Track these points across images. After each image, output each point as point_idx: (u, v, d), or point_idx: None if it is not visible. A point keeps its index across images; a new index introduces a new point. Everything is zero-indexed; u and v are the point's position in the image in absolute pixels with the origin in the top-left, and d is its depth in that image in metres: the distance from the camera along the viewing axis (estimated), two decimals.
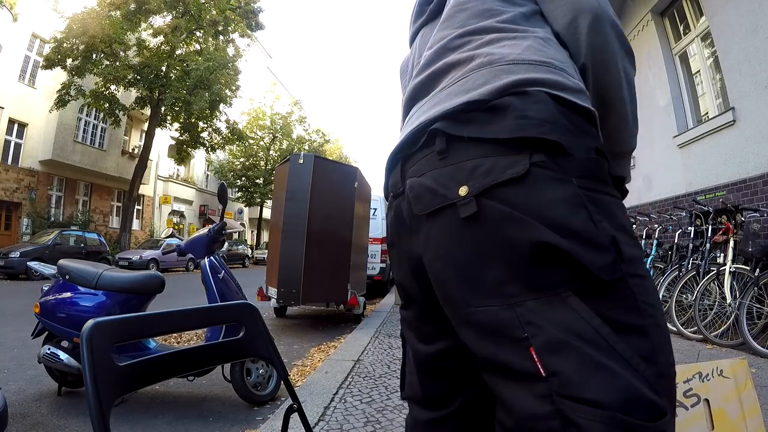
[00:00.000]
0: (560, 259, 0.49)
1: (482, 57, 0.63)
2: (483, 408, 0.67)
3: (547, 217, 0.51)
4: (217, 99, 16.30)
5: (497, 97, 0.56)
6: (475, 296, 0.54)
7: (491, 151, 0.55)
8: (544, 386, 0.48)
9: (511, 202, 0.52)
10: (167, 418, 2.42)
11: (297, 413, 0.86)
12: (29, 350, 3.40)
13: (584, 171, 0.54)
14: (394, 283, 0.76)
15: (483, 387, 0.59)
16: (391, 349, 3.61)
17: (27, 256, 10.57)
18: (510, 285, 0.52)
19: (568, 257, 0.49)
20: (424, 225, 0.61)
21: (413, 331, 0.74)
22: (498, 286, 0.52)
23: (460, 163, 0.57)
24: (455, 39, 0.68)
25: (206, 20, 15.95)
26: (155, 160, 20.55)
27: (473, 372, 0.62)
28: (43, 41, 14.89)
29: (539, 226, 0.50)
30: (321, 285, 5.03)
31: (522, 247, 0.51)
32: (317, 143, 29.39)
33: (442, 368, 0.70)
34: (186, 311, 0.80)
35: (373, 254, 8.25)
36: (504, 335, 0.52)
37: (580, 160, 0.54)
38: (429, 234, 0.60)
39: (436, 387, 0.71)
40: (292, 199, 5.05)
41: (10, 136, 14.59)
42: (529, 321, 0.50)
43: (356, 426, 2.06)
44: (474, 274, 0.55)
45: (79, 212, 17.20)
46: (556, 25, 0.69)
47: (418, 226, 0.63)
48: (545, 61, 0.61)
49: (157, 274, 2.74)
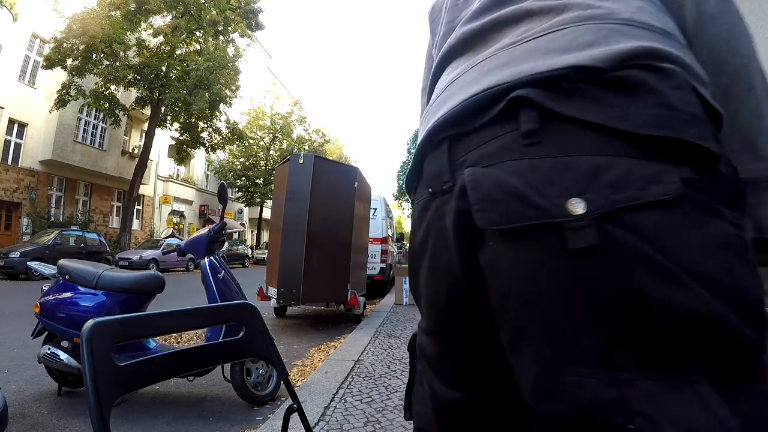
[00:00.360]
0: (704, 328, 0.35)
1: (580, 9, 0.46)
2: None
3: (699, 269, 0.35)
4: (217, 99, 16.30)
5: (619, 67, 0.40)
6: (566, 358, 0.38)
7: (619, 149, 0.38)
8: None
9: (651, 238, 0.36)
10: (167, 418, 2.42)
11: (297, 413, 0.86)
12: (29, 350, 3.40)
13: (732, 198, 0.38)
14: (416, 300, 0.60)
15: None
16: (391, 349, 3.61)
17: (27, 256, 10.56)
18: (620, 353, 0.36)
19: (718, 328, 0.35)
20: (494, 242, 0.43)
21: (434, 370, 0.55)
22: (603, 351, 0.37)
23: (568, 157, 0.39)
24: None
25: (206, 20, 15.94)
26: (155, 160, 20.55)
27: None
28: (43, 41, 14.88)
29: (690, 282, 0.35)
30: (321, 285, 5.03)
31: (659, 308, 0.35)
32: (317, 143, 29.40)
33: (470, 421, 0.52)
34: (186, 311, 0.80)
35: (373, 254, 8.25)
36: (597, 421, 0.36)
37: (726, 182, 0.39)
38: (500, 257, 0.43)
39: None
40: (292, 199, 5.05)
41: (10, 136, 14.59)
42: (640, 411, 0.35)
43: (356, 426, 2.06)
44: (571, 327, 0.38)
45: (79, 212, 17.19)
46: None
47: (479, 241, 0.45)
48: (668, 32, 0.45)
49: (157, 274, 2.74)
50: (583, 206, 0.37)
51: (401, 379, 2.80)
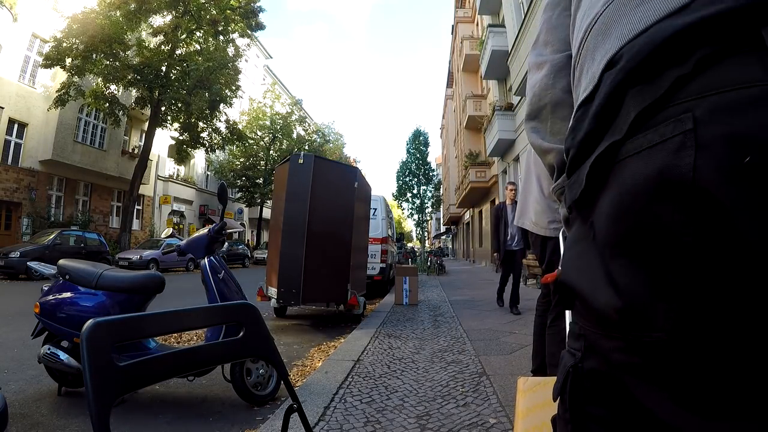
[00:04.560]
0: None
1: None
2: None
3: None
4: (217, 99, 16.32)
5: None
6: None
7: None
8: None
9: None
10: (167, 418, 2.42)
11: (297, 413, 0.86)
12: (29, 350, 3.40)
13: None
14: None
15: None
16: (391, 349, 3.61)
17: (27, 256, 10.57)
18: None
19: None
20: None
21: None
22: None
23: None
24: None
25: (206, 20, 15.95)
26: (155, 160, 20.55)
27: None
28: (43, 41, 14.88)
29: None
30: (321, 285, 5.03)
31: None
32: (317, 143, 29.40)
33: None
34: (186, 311, 0.80)
35: (373, 254, 8.25)
36: None
37: None
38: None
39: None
40: (292, 199, 5.06)
41: (10, 136, 14.59)
42: None
43: (356, 426, 2.06)
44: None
45: (79, 212, 17.20)
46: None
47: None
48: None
49: (157, 274, 2.74)
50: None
51: (401, 379, 2.80)
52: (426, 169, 28.84)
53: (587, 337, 0.41)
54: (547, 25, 0.64)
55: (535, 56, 0.64)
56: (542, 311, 2.37)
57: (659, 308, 0.33)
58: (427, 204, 29.58)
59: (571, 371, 0.42)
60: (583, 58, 0.43)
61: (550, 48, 0.62)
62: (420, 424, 2.06)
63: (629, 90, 0.36)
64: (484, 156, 20.08)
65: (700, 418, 0.33)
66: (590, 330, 0.41)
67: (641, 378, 0.36)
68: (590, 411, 0.40)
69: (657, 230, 0.33)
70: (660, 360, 0.34)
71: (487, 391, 2.51)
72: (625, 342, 0.36)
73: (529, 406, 1.11)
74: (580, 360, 0.42)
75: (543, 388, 1.12)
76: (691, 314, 0.32)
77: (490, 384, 2.64)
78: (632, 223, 0.35)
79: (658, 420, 0.35)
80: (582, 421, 0.41)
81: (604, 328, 0.38)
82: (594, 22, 0.42)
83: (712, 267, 0.31)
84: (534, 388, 1.13)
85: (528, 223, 2.21)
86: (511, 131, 14.64)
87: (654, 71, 0.34)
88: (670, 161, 0.32)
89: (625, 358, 0.36)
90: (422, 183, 28.92)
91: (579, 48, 0.45)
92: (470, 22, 23.73)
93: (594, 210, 0.39)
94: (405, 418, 2.14)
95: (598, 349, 0.40)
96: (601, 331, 0.39)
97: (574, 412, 0.42)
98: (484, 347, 3.65)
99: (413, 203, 28.83)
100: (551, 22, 0.63)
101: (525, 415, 1.10)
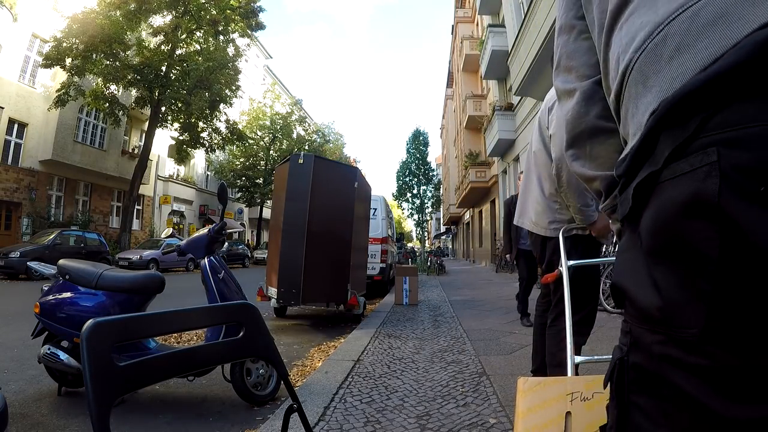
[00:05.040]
0: None
1: None
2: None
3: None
4: (217, 99, 16.33)
5: None
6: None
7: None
8: None
9: None
10: (167, 418, 2.42)
11: (297, 413, 0.86)
12: (29, 350, 3.40)
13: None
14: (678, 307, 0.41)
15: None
16: (391, 349, 3.61)
17: (27, 256, 10.58)
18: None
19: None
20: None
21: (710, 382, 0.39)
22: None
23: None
24: None
25: (206, 20, 15.96)
26: (155, 160, 20.56)
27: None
28: (43, 41, 14.89)
29: None
30: (321, 285, 5.04)
31: None
32: (317, 143, 29.41)
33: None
34: (186, 311, 0.80)
35: (373, 254, 8.25)
36: None
37: None
38: None
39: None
40: (292, 199, 5.06)
41: (10, 136, 14.60)
42: None
43: (356, 426, 2.06)
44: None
45: (79, 212, 17.21)
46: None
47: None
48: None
49: (157, 274, 2.74)
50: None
51: (401, 379, 2.80)
52: (426, 169, 28.86)
53: (633, 333, 0.47)
54: (565, 49, 0.69)
55: (562, 83, 0.69)
56: (542, 311, 2.36)
57: (692, 309, 0.40)
58: (427, 204, 29.60)
59: (618, 363, 0.49)
60: (626, 101, 0.50)
61: (575, 74, 0.67)
62: (420, 424, 2.06)
63: (663, 131, 0.43)
64: (484, 156, 20.09)
65: (731, 401, 0.38)
66: (636, 326, 0.47)
67: (679, 367, 0.41)
68: (633, 399, 0.46)
69: (689, 243, 0.39)
70: (694, 352, 0.40)
71: (487, 391, 2.51)
72: (665, 336, 0.42)
73: (529, 406, 1.11)
74: (626, 354, 0.48)
75: (543, 389, 1.12)
76: (719, 316, 0.38)
77: (490, 384, 2.64)
78: (669, 237, 0.42)
79: (697, 404, 0.40)
80: (626, 408, 0.47)
81: (647, 325, 0.45)
82: (630, 70, 0.48)
83: (735, 276, 0.37)
84: (534, 388, 1.13)
85: (528, 223, 2.21)
86: (511, 131, 14.63)
87: (684, 117, 0.41)
88: (699, 186, 0.38)
89: (665, 350, 0.42)
90: (422, 183, 28.93)
91: (620, 90, 0.51)
92: (470, 22, 23.73)
93: (639, 223, 0.46)
94: (405, 418, 2.14)
95: (641, 343, 0.46)
96: (645, 327, 0.45)
97: (620, 399, 0.48)
98: (484, 347, 3.65)
99: (413, 203, 28.84)
100: (568, 46, 0.68)
101: (525, 415, 1.10)
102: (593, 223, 1.91)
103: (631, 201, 0.47)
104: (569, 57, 0.68)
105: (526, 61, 9.57)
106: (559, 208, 2.01)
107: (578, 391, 1.09)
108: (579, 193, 1.86)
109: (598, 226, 1.92)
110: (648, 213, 0.44)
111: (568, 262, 1.80)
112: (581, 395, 1.08)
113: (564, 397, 1.09)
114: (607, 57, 0.55)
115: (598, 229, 1.93)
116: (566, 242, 1.88)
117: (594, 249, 2.04)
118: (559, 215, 2.01)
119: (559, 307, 2.01)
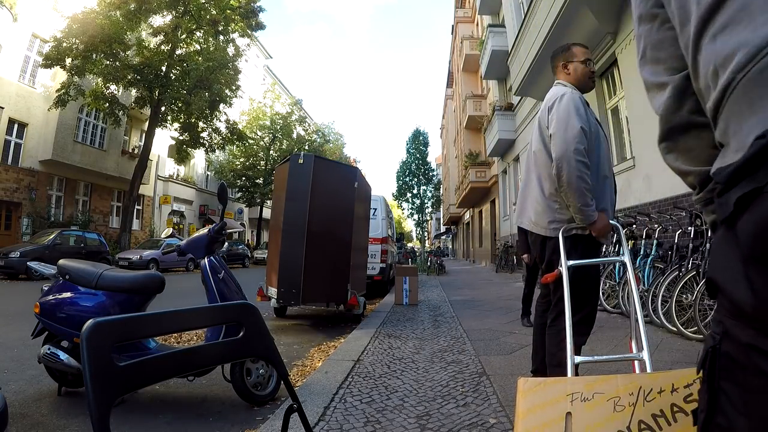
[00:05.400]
0: None
1: None
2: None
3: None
4: (217, 99, 16.33)
5: None
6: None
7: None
8: None
9: None
10: (167, 418, 2.42)
11: (297, 413, 0.86)
12: (29, 350, 3.40)
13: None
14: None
15: None
16: (391, 349, 3.61)
17: (27, 256, 10.58)
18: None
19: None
20: None
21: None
22: None
23: None
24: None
25: (206, 20, 15.96)
26: (155, 160, 20.56)
27: None
28: (43, 41, 14.89)
29: None
30: (321, 285, 5.04)
31: None
32: (317, 143, 29.42)
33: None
34: (186, 311, 0.80)
35: (373, 254, 8.25)
36: None
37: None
38: None
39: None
40: (292, 199, 5.06)
41: (10, 136, 14.60)
42: None
43: (356, 426, 2.06)
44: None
45: (79, 212, 17.21)
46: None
47: None
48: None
49: (157, 274, 2.74)
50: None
51: (401, 379, 2.80)
52: (426, 169, 28.86)
53: (724, 324, 0.50)
54: (650, 39, 0.68)
55: (651, 75, 0.69)
56: (542, 311, 2.36)
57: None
58: (427, 204, 29.60)
59: (711, 351, 0.52)
60: (727, 116, 0.52)
61: (663, 66, 0.67)
62: (420, 424, 2.06)
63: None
64: (484, 156, 20.08)
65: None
66: (728, 319, 0.50)
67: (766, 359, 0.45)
68: (722, 386, 0.50)
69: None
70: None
71: (487, 391, 2.51)
72: (755, 331, 0.46)
73: (530, 406, 1.11)
74: (718, 342, 0.51)
75: (543, 389, 1.12)
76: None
77: (490, 384, 2.64)
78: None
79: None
80: (715, 394, 0.51)
81: (739, 319, 0.48)
82: (732, 89, 0.50)
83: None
84: (534, 388, 1.13)
85: (527, 222, 2.21)
86: (511, 131, 14.62)
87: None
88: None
89: (755, 342, 0.46)
90: (422, 183, 28.93)
91: (719, 104, 0.53)
92: (470, 22, 23.72)
93: (737, 224, 0.48)
94: (405, 418, 2.14)
95: (732, 334, 0.49)
96: (737, 321, 0.48)
97: (710, 385, 0.52)
98: (484, 347, 3.65)
99: (413, 203, 28.84)
100: (653, 36, 0.67)
101: (525, 415, 1.10)
102: (593, 223, 1.91)
103: (732, 206, 0.49)
104: (655, 48, 0.67)
105: (526, 61, 9.56)
106: (559, 207, 2.01)
107: (579, 391, 1.09)
108: (579, 193, 1.86)
109: (598, 225, 1.92)
110: (748, 217, 0.46)
111: (568, 262, 1.80)
112: (582, 395, 1.08)
113: (564, 397, 1.09)
114: (696, 60, 0.56)
115: (598, 229, 1.93)
116: (566, 242, 1.88)
117: (594, 249, 2.04)
118: (559, 215, 2.01)
119: (559, 306, 2.01)
